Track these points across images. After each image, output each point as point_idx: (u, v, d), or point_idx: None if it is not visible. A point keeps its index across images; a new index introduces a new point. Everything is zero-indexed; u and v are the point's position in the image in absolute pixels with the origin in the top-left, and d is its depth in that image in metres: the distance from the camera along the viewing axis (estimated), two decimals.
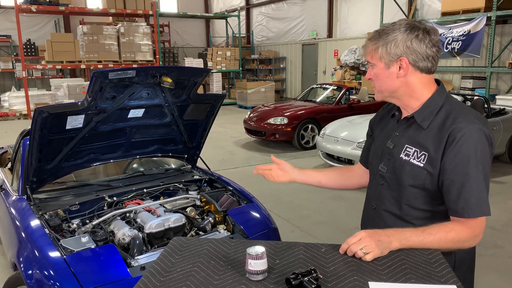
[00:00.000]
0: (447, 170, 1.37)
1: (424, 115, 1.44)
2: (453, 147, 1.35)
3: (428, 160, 1.41)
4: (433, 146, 1.40)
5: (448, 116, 1.40)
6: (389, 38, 1.40)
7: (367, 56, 1.49)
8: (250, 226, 2.65)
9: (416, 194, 1.46)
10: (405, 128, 1.50)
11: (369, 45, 1.47)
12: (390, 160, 1.52)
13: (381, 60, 1.43)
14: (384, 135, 1.59)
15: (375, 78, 1.48)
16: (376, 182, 1.59)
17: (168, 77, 2.60)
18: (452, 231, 1.37)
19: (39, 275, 2.09)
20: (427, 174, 1.41)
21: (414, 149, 1.45)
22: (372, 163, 1.62)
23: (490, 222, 4.36)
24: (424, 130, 1.43)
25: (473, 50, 8.52)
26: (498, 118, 6.27)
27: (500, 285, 3.20)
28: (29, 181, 2.69)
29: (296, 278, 1.20)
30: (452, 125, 1.37)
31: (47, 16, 16.77)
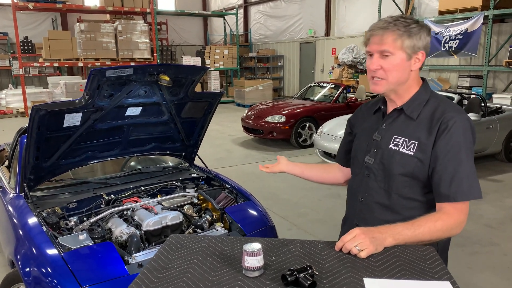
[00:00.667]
0: (439, 156, 1.42)
1: (413, 107, 1.51)
2: (445, 134, 1.42)
3: (418, 149, 1.46)
4: (424, 134, 1.46)
5: (437, 108, 1.48)
6: (414, 31, 1.43)
7: (384, 45, 1.42)
8: (247, 224, 2.66)
9: (405, 183, 1.50)
10: (392, 120, 1.55)
11: (389, 34, 1.42)
12: (378, 151, 1.55)
13: (403, 50, 1.43)
14: (369, 130, 1.62)
15: (392, 68, 1.44)
16: (361, 175, 1.61)
17: (166, 75, 2.61)
18: (439, 220, 1.42)
19: (36, 273, 2.09)
20: (417, 161, 1.46)
21: (402, 139, 1.49)
22: (357, 157, 1.64)
23: (486, 220, 4.39)
24: (413, 121, 1.50)
25: (470, 49, 8.54)
26: (494, 117, 6.30)
27: (496, 282, 3.22)
28: (26, 179, 2.69)
29: (292, 275, 1.21)
30: (443, 114, 1.44)
31: (44, 13, 16.69)
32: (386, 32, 1.42)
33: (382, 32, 1.43)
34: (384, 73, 1.45)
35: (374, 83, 1.49)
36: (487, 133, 6.15)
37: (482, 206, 4.80)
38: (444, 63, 10.17)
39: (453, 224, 1.43)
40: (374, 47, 1.45)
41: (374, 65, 1.46)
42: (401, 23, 1.42)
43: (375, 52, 1.45)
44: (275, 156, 7.28)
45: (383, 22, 1.45)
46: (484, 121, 6.06)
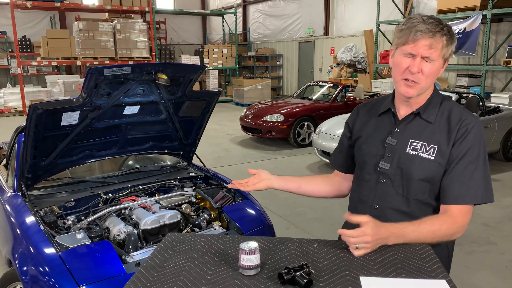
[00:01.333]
0: (455, 159, 1.41)
1: (429, 110, 1.48)
2: (464, 138, 1.41)
3: (439, 153, 1.43)
4: (444, 138, 1.43)
5: (451, 111, 1.46)
6: (453, 39, 1.40)
7: (434, 51, 1.36)
8: (245, 223, 2.66)
9: (425, 189, 1.47)
10: (407, 123, 1.50)
11: (439, 39, 1.36)
12: (393, 156, 1.49)
13: (442, 58, 1.40)
14: (378, 133, 1.55)
15: (431, 74, 1.39)
16: (374, 181, 1.54)
17: (163, 74, 2.61)
18: (445, 223, 1.40)
19: (34, 272, 2.09)
20: (438, 166, 1.43)
21: (421, 143, 1.45)
22: (367, 162, 1.56)
23: (483, 219, 4.40)
24: (430, 124, 1.47)
25: (469, 48, 8.55)
26: (492, 116, 6.31)
27: (493, 281, 3.23)
28: (24, 177, 2.69)
29: (288, 273, 1.21)
30: (462, 118, 1.43)
31: (42, 12, 16.65)
32: (436, 36, 1.35)
33: (433, 35, 1.35)
34: (423, 77, 1.39)
35: (408, 85, 1.41)
36: (485, 132, 6.15)
37: (480, 205, 4.78)
38: None
39: (457, 228, 1.42)
40: (423, 49, 1.36)
41: (416, 67, 1.37)
42: (446, 29, 1.37)
43: (419, 55, 1.37)
44: (273, 155, 7.29)
45: (431, 24, 1.36)
46: (482, 120, 6.07)
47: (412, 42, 1.37)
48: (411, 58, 1.39)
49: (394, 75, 1.46)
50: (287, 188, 1.71)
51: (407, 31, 1.38)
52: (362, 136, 1.61)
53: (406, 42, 1.38)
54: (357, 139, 1.63)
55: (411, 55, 1.38)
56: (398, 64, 1.42)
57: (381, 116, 1.58)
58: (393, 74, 1.47)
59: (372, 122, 1.60)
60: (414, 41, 1.36)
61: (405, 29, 1.39)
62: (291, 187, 1.71)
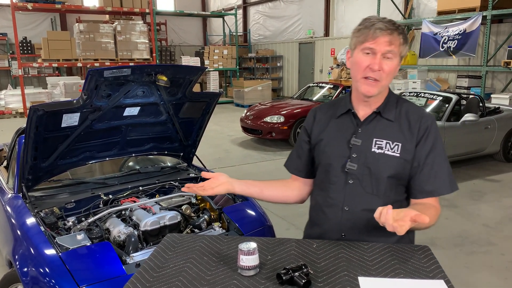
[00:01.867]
0: (423, 156, 1.47)
1: (388, 109, 1.52)
2: (427, 135, 1.48)
3: (403, 150, 1.47)
4: (406, 136, 1.49)
5: (408, 109, 1.53)
6: (407, 40, 1.46)
7: (391, 46, 1.39)
8: (245, 224, 2.66)
9: (392, 185, 1.50)
10: (369, 123, 1.52)
11: (397, 37, 1.40)
12: (359, 156, 1.50)
13: (399, 55, 1.43)
14: (342, 134, 1.55)
15: (390, 71, 1.42)
16: (343, 183, 1.53)
17: (163, 75, 2.61)
18: (435, 212, 1.46)
19: (34, 273, 2.10)
20: (403, 162, 1.48)
21: (385, 141, 1.49)
22: (333, 165, 1.54)
23: (483, 220, 4.40)
24: (391, 123, 1.51)
25: (469, 49, 8.55)
26: (492, 117, 6.31)
27: (493, 281, 3.23)
28: (24, 179, 2.70)
29: (287, 274, 1.22)
30: (420, 116, 1.50)
31: (43, 14, 16.68)
32: (394, 34, 1.39)
33: (391, 33, 1.39)
34: (384, 75, 1.42)
35: (369, 83, 1.43)
36: (486, 133, 6.16)
37: (480, 206, 4.81)
38: (443, 63, 10.18)
39: (437, 217, 1.47)
40: (383, 45, 1.39)
41: (377, 65, 1.39)
42: (401, 29, 1.42)
43: (379, 52, 1.39)
44: (274, 156, 7.29)
45: (388, 23, 1.40)
46: (482, 121, 6.07)
47: (372, 39, 1.40)
48: (371, 56, 1.41)
49: (354, 74, 1.48)
50: (249, 193, 1.67)
51: (366, 30, 1.41)
52: (323, 139, 1.59)
53: (365, 40, 1.41)
54: (318, 143, 1.61)
55: (371, 52, 1.41)
56: (358, 63, 1.44)
57: (340, 118, 1.58)
58: (353, 74, 1.49)
59: (332, 124, 1.59)
60: (374, 38, 1.39)
61: (363, 29, 1.43)
62: (253, 192, 1.66)
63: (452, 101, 6.03)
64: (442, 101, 6.20)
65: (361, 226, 1.50)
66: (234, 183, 1.60)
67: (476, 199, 5.04)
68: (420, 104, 6.76)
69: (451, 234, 4.07)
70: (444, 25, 9.06)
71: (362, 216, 1.50)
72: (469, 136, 5.97)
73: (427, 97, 6.56)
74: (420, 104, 6.73)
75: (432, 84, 9.70)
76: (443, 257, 3.45)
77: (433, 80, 10.02)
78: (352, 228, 1.51)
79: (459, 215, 4.56)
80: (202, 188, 1.55)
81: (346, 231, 1.52)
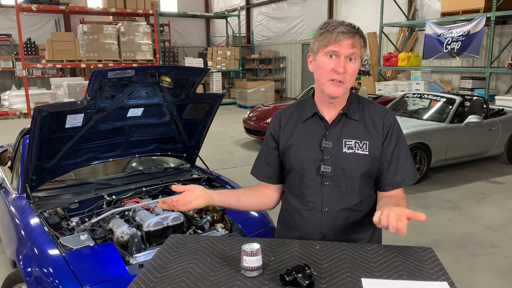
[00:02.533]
0: (389, 151, 1.55)
1: (352, 109, 1.57)
2: (392, 131, 1.55)
3: (371, 147, 1.53)
4: (372, 133, 1.54)
5: (370, 107, 1.59)
6: (366, 44, 1.52)
7: (354, 49, 1.43)
8: (248, 225, 2.67)
9: (365, 182, 1.56)
10: (335, 125, 1.56)
11: (358, 39, 1.44)
12: (332, 158, 1.52)
13: (360, 57, 1.48)
14: (311, 138, 1.56)
15: (353, 73, 1.47)
16: (319, 185, 1.54)
17: (167, 76, 2.62)
18: (405, 200, 1.53)
19: (38, 273, 2.10)
20: (372, 159, 1.53)
21: (354, 141, 1.53)
22: (306, 168, 1.55)
23: (487, 222, 4.38)
24: (356, 122, 1.55)
25: (473, 51, 8.54)
26: (497, 119, 6.29)
27: (497, 284, 3.22)
28: (28, 179, 2.71)
29: (290, 275, 1.22)
30: (382, 113, 1.57)
31: (47, 15, 16.76)
32: (355, 37, 1.44)
33: (353, 36, 1.43)
34: (347, 77, 1.46)
35: (336, 85, 1.46)
36: (489, 135, 6.14)
37: (484, 208, 4.79)
38: (446, 65, 10.16)
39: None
40: (346, 48, 1.42)
41: (341, 67, 1.43)
42: (361, 32, 1.47)
43: (343, 55, 1.43)
44: None
45: (349, 26, 1.44)
46: (486, 123, 6.05)
47: (335, 42, 1.43)
48: (335, 59, 1.44)
49: (319, 77, 1.50)
50: (228, 203, 1.64)
51: (328, 34, 1.44)
52: (293, 144, 1.59)
53: (329, 43, 1.44)
54: (287, 148, 1.60)
55: (335, 55, 1.44)
56: (322, 66, 1.47)
57: (306, 122, 1.59)
58: (318, 77, 1.52)
59: (299, 128, 1.60)
60: (337, 42, 1.43)
61: (325, 32, 1.45)
62: (231, 202, 1.64)
63: (455, 102, 6.02)
64: (446, 102, 6.18)
65: (340, 225, 1.55)
66: (212, 195, 1.57)
67: (480, 201, 5.02)
68: (423, 105, 6.76)
69: (455, 236, 4.05)
70: (447, 27, 9.04)
71: (340, 215, 1.54)
72: (472, 138, 5.95)
73: (430, 98, 6.55)
74: (423, 106, 6.72)
75: (436, 86, 9.68)
76: (446, 259, 3.45)
77: (437, 82, 9.99)
78: (332, 229, 1.55)
79: (463, 217, 4.55)
80: (178, 203, 1.49)
81: (327, 232, 1.55)
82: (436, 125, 5.78)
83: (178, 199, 1.50)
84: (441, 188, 5.48)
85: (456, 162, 6.07)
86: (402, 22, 10.86)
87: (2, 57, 16.42)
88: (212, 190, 1.63)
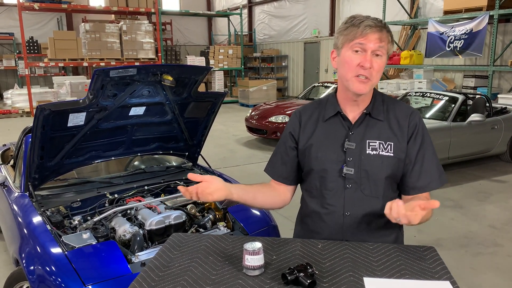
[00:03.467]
0: (414, 153, 1.48)
1: (376, 109, 1.50)
2: (417, 131, 1.48)
3: (396, 149, 1.46)
4: (397, 134, 1.47)
5: (395, 106, 1.52)
6: (393, 40, 1.44)
7: (381, 43, 1.37)
8: (250, 224, 2.67)
9: (390, 185, 1.50)
10: (359, 125, 1.49)
11: (385, 34, 1.38)
12: (355, 160, 1.46)
13: (387, 53, 1.41)
14: (333, 138, 1.50)
15: (380, 69, 1.40)
16: (340, 189, 1.48)
17: (169, 75, 2.62)
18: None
19: (40, 271, 2.11)
20: (397, 161, 1.47)
21: (378, 142, 1.47)
22: (329, 170, 1.49)
23: (490, 221, 4.37)
24: (381, 122, 1.49)
25: (475, 49, 8.50)
26: (499, 117, 6.27)
27: (499, 283, 3.21)
28: (31, 178, 2.72)
29: (292, 274, 1.22)
30: (407, 113, 1.50)
31: (49, 13, 16.79)
32: (383, 31, 1.37)
33: (380, 30, 1.37)
34: (374, 72, 1.39)
35: (361, 81, 1.39)
36: (492, 133, 6.12)
37: (486, 207, 4.78)
38: (449, 63, 10.12)
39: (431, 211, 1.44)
40: (374, 43, 1.36)
41: (368, 62, 1.36)
42: (388, 27, 1.41)
43: (369, 49, 1.36)
44: None
45: (376, 20, 1.39)
46: (489, 121, 6.03)
47: (362, 36, 1.36)
48: (361, 54, 1.38)
49: (344, 73, 1.43)
50: (244, 200, 1.55)
51: (354, 28, 1.38)
52: (313, 144, 1.53)
53: (354, 37, 1.37)
54: (307, 148, 1.54)
55: (361, 49, 1.37)
56: (348, 61, 1.40)
57: (328, 121, 1.53)
58: (343, 73, 1.43)
59: (320, 128, 1.54)
60: (363, 36, 1.36)
61: (350, 26, 1.39)
62: (247, 199, 1.56)
63: (458, 101, 6.00)
64: (448, 101, 6.16)
65: (363, 230, 1.49)
66: (231, 189, 1.49)
67: (482, 200, 5.01)
68: (426, 104, 6.74)
69: (457, 235, 4.04)
70: (450, 25, 9.01)
71: (364, 220, 1.47)
72: (475, 137, 5.94)
73: (433, 97, 6.53)
74: (426, 104, 6.70)
75: (438, 84, 9.65)
76: (448, 258, 3.44)
77: (439, 80, 9.96)
78: (354, 233, 1.49)
79: (465, 215, 4.54)
80: (197, 193, 1.40)
81: (350, 237, 1.50)
82: (438, 123, 5.77)
83: (196, 188, 1.41)
84: (443, 187, 5.45)
85: (459, 160, 6.05)
86: (405, 21, 10.83)
87: (4, 56, 16.47)
88: (230, 183, 1.53)
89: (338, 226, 1.50)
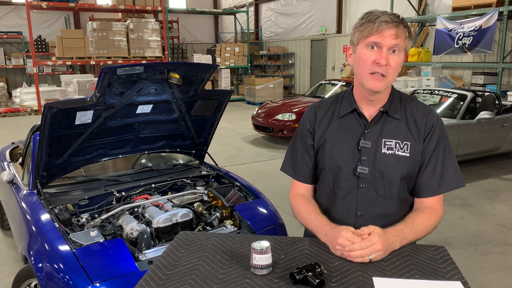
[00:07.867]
0: (429, 154, 1.43)
1: (394, 107, 1.46)
2: (433, 131, 1.44)
3: (412, 149, 1.43)
4: (414, 134, 1.44)
5: (412, 105, 1.47)
6: (411, 35, 1.39)
7: (398, 40, 1.32)
8: (257, 222, 2.66)
9: (404, 186, 1.46)
10: (375, 123, 1.46)
11: (402, 30, 1.33)
12: (370, 159, 1.43)
13: (404, 50, 1.37)
14: (348, 136, 1.47)
15: (397, 66, 1.36)
16: (353, 188, 1.46)
17: (176, 73, 2.62)
18: (432, 216, 1.42)
19: (49, 268, 2.12)
20: (414, 162, 1.44)
21: (394, 142, 1.43)
22: (342, 168, 1.46)
23: (499, 220, 4.32)
24: (398, 121, 1.45)
25: (485, 46, 8.40)
26: (509, 115, 6.19)
27: (509, 282, 3.17)
28: (39, 175, 2.73)
29: (300, 273, 1.21)
30: (425, 112, 1.46)
31: (57, 12, 16.89)
32: (400, 26, 1.33)
33: (397, 25, 1.32)
34: (390, 70, 1.35)
35: (376, 79, 1.35)
36: (501, 131, 6.05)
37: (496, 206, 4.73)
38: (458, 60, 10.01)
39: (440, 218, 1.44)
40: (390, 39, 1.31)
41: (384, 59, 1.32)
42: (406, 22, 1.36)
43: (385, 46, 1.33)
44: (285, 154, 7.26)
45: (393, 15, 1.34)
46: (498, 119, 5.96)
47: (377, 32, 1.32)
48: (377, 51, 1.34)
49: (359, 70, 1.40)
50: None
51: (370, 24, 1.34)
52: (327, 141, 1.50)
53: (370, 33, 1.34)
54: (321, 145, 1.51)
55: (377, 46, 1.34)
56: (363, 58, 1.36)
57: (344, 118, 1.50)
58: (358, 71, 1.41)
59: (334, 124, 1.50)
60: (379, 32, 1.32)
61: (366, 22, 1.35)
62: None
63: (467, 98, 5.94)
64: (457, 98, 6.10)
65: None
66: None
67: (492, 198, 4.96)
68: (434, 101, 6.68)
69: (466, 233, 4.00)
70: (459, 21, 8.91)
71: (376, 221, 1.41)
72: (484, 134, 5.87)
73: (441, 94, 6.47)
74: (434, 102, 6.64)
75: (447, 82, 9.56)
76: (457, 257, 3.40)
77: (448, 78, 9.87)
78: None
79: (474, 214, 4.49)
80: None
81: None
82: (447, 121, 5.71)
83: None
84: None
85: (468, 158, 5.99)
86: (412, 17, 10.73)
87: (13, 54, 16.61)
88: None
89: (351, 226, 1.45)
